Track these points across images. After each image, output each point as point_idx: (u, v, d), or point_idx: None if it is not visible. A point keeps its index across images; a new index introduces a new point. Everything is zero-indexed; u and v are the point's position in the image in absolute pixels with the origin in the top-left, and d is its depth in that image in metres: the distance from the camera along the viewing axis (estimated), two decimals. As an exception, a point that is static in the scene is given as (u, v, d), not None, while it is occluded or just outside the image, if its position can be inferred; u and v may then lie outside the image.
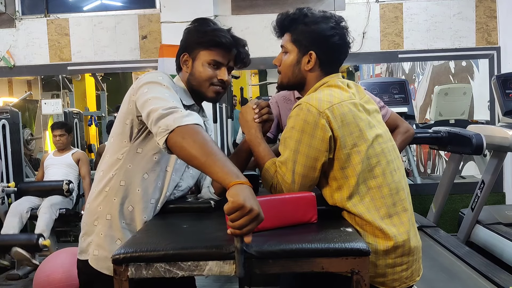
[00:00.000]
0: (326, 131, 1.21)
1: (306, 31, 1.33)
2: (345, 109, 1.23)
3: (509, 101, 3.09)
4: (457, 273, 2.56)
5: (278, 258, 1.00)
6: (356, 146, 1.24)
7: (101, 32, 4.35)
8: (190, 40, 1.40)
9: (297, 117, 1.24)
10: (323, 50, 1.33)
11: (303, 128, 1.22)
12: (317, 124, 1.21)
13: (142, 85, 1.27)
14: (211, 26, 1.40)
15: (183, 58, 1.42)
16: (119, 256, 0.98)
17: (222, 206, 0.95)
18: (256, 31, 4.22)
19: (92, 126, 6.21)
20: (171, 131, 1.12)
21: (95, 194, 1.37)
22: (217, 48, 1.37)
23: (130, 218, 1.34)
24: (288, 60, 1.36)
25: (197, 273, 0.99)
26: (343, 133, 1.22)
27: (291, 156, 1.24)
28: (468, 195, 3.77)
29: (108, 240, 1.33)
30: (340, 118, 1.22)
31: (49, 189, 3.67)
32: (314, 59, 1.33)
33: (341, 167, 1.24)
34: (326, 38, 1.32)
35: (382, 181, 1.27)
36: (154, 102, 1.20)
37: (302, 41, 1.33)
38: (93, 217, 1.36)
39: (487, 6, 4.18)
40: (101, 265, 1.32)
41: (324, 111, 1.21)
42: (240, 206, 0.92)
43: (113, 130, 1.38)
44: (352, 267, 0.99)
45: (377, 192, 1.26)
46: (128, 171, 1.34)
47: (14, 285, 3.41)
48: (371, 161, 1.26)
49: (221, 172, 1.03)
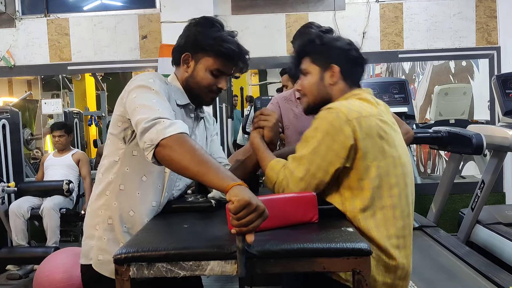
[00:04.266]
0: (348, 139, 1.22)
1: (325, 49, 1.39)
2: (372, 122, 1.26)
3: (509, 101, 3.09)
4: (457, 273, 2.56)
5: (280, 258, 0.99)
6: (376, 160, 1.25)
7: (101, 32, 4.35)
8: (195, 41, 1.36)
9: (323, 119, 1.25)
10: (344, 62, 1.37)
11: (327, 130, 1.23)
12: (342, 129, 1.22)
13: (132, 89, 1.26)
14: (220, 32, 1.36)
15: (184, 57, 1.39)
16: (121, 256, 0.98)
17: (223, 205, 0.95)
18: (256, 31, 4.22)
19: (92, 125, 6.20)
20: (157, 145, 1.12)
21: (96, 197, 1.37)
22: (221, 57, 1.35)
23: (132, 222, 1.33)
24: (312, 80, 1.40)
25: (198, 273, 0.99)
26: (366, 145, 1.23)
27: (308, 154, 1.24)
28: (468, 195, 3.77)
29: (111, 244, 1.31)
30: (365, 130, 1.23)
31: (49, 189, 3.66)
32: (337, 71, 1.37)
33: (359, 178, 1.25)
34: (345, 51, 1.38)
35: (398, 202, 1.28)
36: (140, 111, 1.19)
37: (323, 58, 1.38)
38: (95, 220, 1.35)
39: (487, 6, 4.19)
40: (106, 269, 1.30)
41: (352, 119, 1.23)
42: (247, 203, 0.93)
43: (109, 131, 1.38)
44: (354, 267, 0.99)
45: (390, 211, 1.27)
46: (126, 175, 1.33)
47: (14, 285, 3.41)
48: (391, 179, 1.27)
49: (216, 178, 1.04)
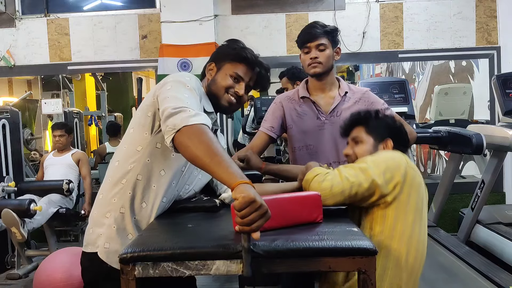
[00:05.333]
0: (399, 173, 1.36)
1: (380, 125, 1.55)
2: (416, 175, 1.42)
3: (509, 100, 3.09)
4: (457, 273, 2.56)
5: (285, 257, 1.00)
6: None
7: (101, 32, 4.35)
8: (220, 53, 1.51)
9: (382, 153, 1.44)
10: (396, 137, 1.54)
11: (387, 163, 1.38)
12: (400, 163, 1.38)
13: (168, 82, 1.32)
14: (241, 45, 1.51)
15: (209, 67, 1.50)
16: (126, 256, 0.98)
17: (228, 206, 0.95)
18: (256, 31, 4.22)
19: (92, 125, 6.18)
20: (178, 130, 1.14)
21: (110, 185, 1.35)
22: (241, 63, 1.46)
23: (141, 215, 1.33)
24: (366, 149, 1.52)
25: (204, 272, 0.99)
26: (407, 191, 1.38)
27: (369, 163, 1.37)
28: (468, 195, 3.77)
29: (120, 233, 1.31)
30: (409, 178, 1.38)
31: (49, 188, 3.67)
32: (390, 145, 1.52)
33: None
34: (398, 128, 1.57)
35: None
36: (170, 100, 1.23)
37: (378, 132, 1.53)
38: (106, 208, 1.34)
39: (487, 6, 4.20)
40: (111, 259, 1.29)
41: (406, 161, 1.41)
42: (252, 201, 0.94)
43: (133, 120, 1.38)
44: (359, 266, 0.99)
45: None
46: (147, 165, 1.33)
47: (14, 284, 3.40)
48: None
49: (226, 172, 1.05)
